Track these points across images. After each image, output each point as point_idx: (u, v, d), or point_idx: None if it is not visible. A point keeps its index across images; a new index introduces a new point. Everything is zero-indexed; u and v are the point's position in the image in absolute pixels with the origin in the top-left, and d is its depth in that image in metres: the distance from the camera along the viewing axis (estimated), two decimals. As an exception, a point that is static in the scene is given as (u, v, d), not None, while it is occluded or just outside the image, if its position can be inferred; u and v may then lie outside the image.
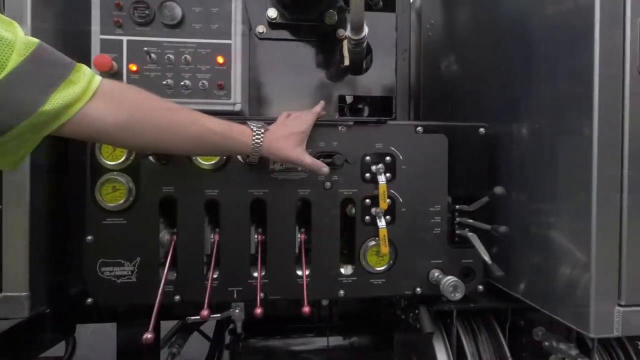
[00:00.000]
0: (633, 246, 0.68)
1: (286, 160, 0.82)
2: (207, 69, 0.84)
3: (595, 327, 0.68)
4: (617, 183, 0.68)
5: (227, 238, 0.88)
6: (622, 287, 0.69)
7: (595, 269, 0.68)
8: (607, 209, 0.68)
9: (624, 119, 0.68)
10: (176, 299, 0.87)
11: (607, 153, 0.67)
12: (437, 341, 1.04)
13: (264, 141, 0.77)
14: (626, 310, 0.69)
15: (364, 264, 0.91)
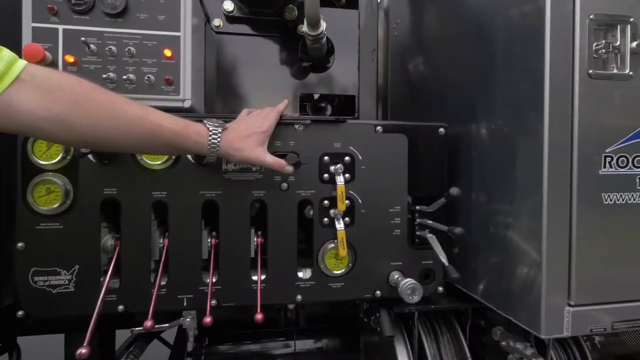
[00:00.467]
0: (583, 246, 0.69)
1: (246, 161, 0.78)
2: (153, 63, 0.79)
3: (546, 327, 0.68)
4: (567, 184, 0.68)
5: (176, 242, 0.83)
6: (571, 287, 0.69)
7: (545, 270, 0.68)
8: (558, 210, 0.68)
9: (574, 120, 0.68)
10: (120, 309, 0.81)
11: (557, 154, 0.68)
12: (399, 343, 1.02)
13: (222, 141, 0.72)
14: (576, 310, 0.69)
15: (323, 267, 0.89)
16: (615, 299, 0.71)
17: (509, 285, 0.79)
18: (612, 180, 0.69)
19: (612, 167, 0.69)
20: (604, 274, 0.70)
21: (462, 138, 0.96)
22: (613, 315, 0.71)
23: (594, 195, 0.69)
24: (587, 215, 0.69)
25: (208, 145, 0.71)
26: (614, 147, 0.69)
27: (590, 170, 0.68)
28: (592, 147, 0.68)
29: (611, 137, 0.69)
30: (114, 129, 0.63)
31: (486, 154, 0.88)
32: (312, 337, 1.45)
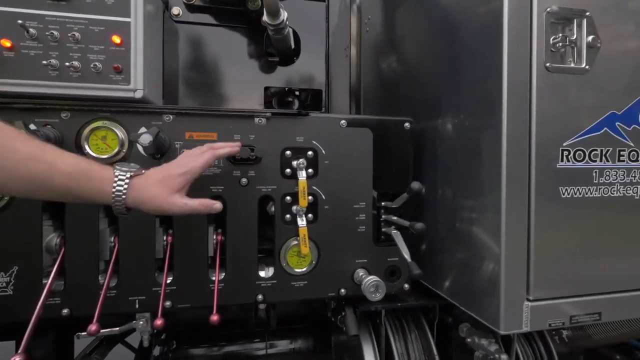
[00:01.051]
0: (541, 240, 0.68)
1: (161, 212, 0.67)
2: (100, 50, 0.74)
3: (505, 323, 0.67)
4: (525, 178, 0.68)
5: (128, 241, 0.78)
6: (530, 282, 0.68)
7: (504, 265, 0.67)
8: (516, 204, 0.67)
9: (532, 114, 0.67)
10: (64, 312, 0.76)
11: (515, 148, 0.67)
12: (366, 342, 1.00)
13: (130, 189, 0.63)
14: (534, 304, 0.69)
15: (285, 265, 0.86)
16: (573, 292, 0.71)
17: (470, 281, 0.78)
18: (570, 174, 0.69)
19: (569, 161, 0.69)
20: (563, 268, 0.70)
21: (428, 134, 0.96)
22: (572, 309, 0.71)
23: (552, 189, 0.68)
24: (545, 209, 0.68)
25: (112, 194, 0.62)
26: (571, 141, 0.69)
27: (548, 164, 0.68)
28: (550, 141, 0.68)
29: (568, 131, 0.69)
30: (3, 171, 0.55)
31: (450, 149, 0.87)
32: (285, 338, 1.42)
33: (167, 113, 0.79)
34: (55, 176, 0.58)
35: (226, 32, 1.07)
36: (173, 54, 1.02)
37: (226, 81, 1.08)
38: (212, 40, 1.06)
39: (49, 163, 0.58)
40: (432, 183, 0.95)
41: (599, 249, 0.72)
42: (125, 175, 0.63)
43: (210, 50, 1.07)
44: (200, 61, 1.06)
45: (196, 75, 1.07)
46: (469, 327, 0.98)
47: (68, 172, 0.59)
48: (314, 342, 1.42)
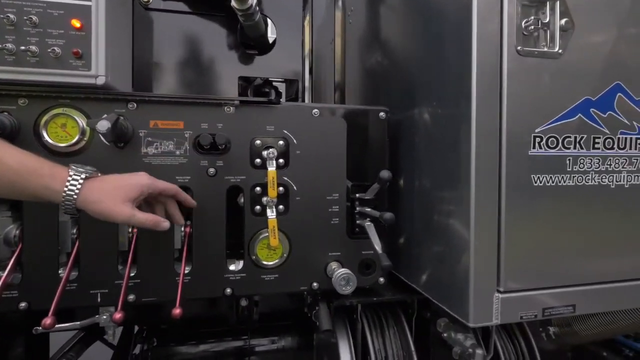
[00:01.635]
0: (512, 230, 0.66)
1: (107, 218, 0.65)
2: (59, 34, 0.71)
3: (474, 315, 0.65)
4: (495, 165, 0.65)
5: (91, 233, 0.76)
6: (500, 273, 0.66)
7: (473, 255, 0.65)
8: (486, 193, 0.65)
9: (502, 99, 0.65)
10: (22, 306, 0.73)
11: (485, 134, 0.65)
12: (342, 338, 0.98)
13: (83, 190, 0.62)
14: (505, 296, 0.66)
15: (254, 258, 0.83)
16: (546, 284, 0.69)
17: (443, 274, 0.76)
18: (542, 161, 0.67)
19: (541, 148, 0.67)
20: (535, 259, 0.68)
21: (405, 124, 0.93)
22: (544, 300, 0.68)
23: (523, 177, 0.66)
24: (516, 198, 0.66)
25: (63, 193, 0.61)
26: (544, 128, 0.67)
27: (519, 151, 0.66)
28: (521, 127, 0.66)
29: (541, 117, 0.67)
30: None
31: (426, 139, 0.84)
32: (268, 335, 1.39)
33: (130, 100, 0.76)
34: (4, 171, 0.57)
35: (202, 20, 1.05)
36: (146, 44, 1.00)
37: (201, 72, 1.06)
38: (187, 29, 1.04)
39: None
40: (409, 175, 0.93)
41: (573, 240, 0.69)
42: (80, 176, 0.62)
43: (186, 40, 1.04)
44: (174, 51, 1.04)
45: (170, 66, 1.04)
46: (447, 322, 0.96)
47: (14, 168, 0.58)
48: (297, 340, 1.39)
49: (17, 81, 0.71)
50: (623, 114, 0.70)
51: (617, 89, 0.69)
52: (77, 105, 0.74)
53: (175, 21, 1.03)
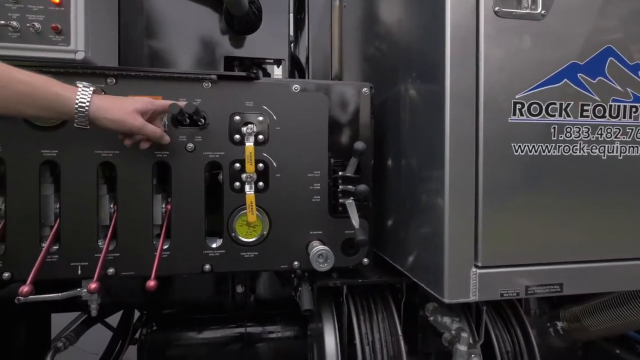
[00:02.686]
0: (491, 201, 0.63)
1: (122, 126, 0.69)
2: (39, 10, 0.73)
3: (449, 290, 0.62)
4: (472, 132, 0.62)
5: (70, 206, 0.77)
6: (478, 247, 0.63)
7: (448, 227, 0.62)
8: (461, 160, 0.62)
9: (479, 63, 0.62)
10: (5, 276, 0.75)
11: (460, 100, 0.62)
12: (327, 321, 0.96)
13: (93, 100, 0.65)
14: (484, 272, 0.63)
15: (234, 235, 0.82)
16: (529, 261, 0.65)
17: (422, 252, 0.73)
18: (524, 129, 0.63)
19: (523, 115, 0.63)
20: (516, 234, 0.64)
21: (390, 102, 0.91)
22: (527, 278, 0.65)
23: (502, 145, 0.63)
24: (495, 167, 0.63)
25: (76, 101, 0.64)
26: (525, 93, 0.63)
27: (498, 118, 0.63)
28: (501, 93, 0.63)
29: (522, 82, 0.63)
30: None
31: (409, 114, 0.82)
32: (265, 323, 1.39)
33: (109, 75, 0.77)
34: (12, 83, 0.60)
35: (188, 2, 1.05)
36: (137, 24, 1.01)
37: (187, 49, 1.06)
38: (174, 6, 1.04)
39: (4, 71, 0.60)
40: (395, 155, 0.90)
41: (559, 214, 0.65)
42: (88, 89, 0.66)
43: (172, 17, 1.04)
44: (161, 28, 1.04)
45: (159, 46, 1.05)
46: (435, 306, 0.93)
47: (26, 80, 0.61)
48: (294, 329, 1.38)
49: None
50: (615, 80, 0.66)
51: (608, 53, 0.65)
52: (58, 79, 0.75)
53: (163, 2, 1.04)
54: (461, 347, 0.77)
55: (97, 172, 0.77)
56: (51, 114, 0.67)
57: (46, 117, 0.69)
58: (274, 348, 1.38)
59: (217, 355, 1.34)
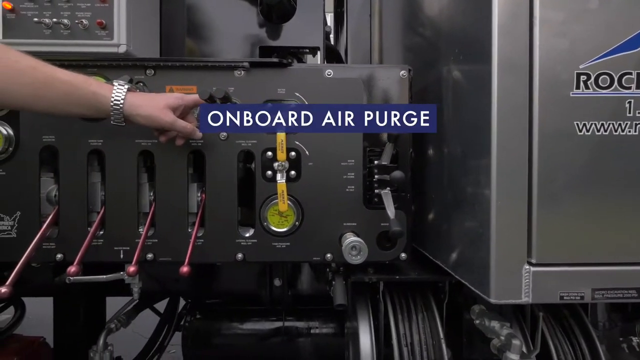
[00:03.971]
0: (548, 189, 0.54)
1: (154, 122, 0.71)
2: (87, 7, 0.78)
3: (496, 289, 0.55)
4: (525, 109, 0.54)
5: (114, 193, 0.81)
6: (532, 242, 0.55)
7: (495, 218, 0.55)
8: (511, 141, 0.54)
9: (533, 29, 0.54)
10: (58, 257, 0.80)
11: (509, 72, 0.54)
12: (363, 319, 0.91)
13: (127, 97, 0.68)
14: (538, 270, 0.55)
15: (265, 225, 0.81)
16: (597, 259, 0.55)
17: (467, 247, 0.65)
18: (590, 105, 0.54)
19: (588, 88, 0.54)
20: (582, 227, 0.55)
21: (433, 86, 0.84)
22: (595, 280, 0.55)
23: (563, 123, 0.54)
24: (554, 148, 0.54)
25: (111, 99, 0.67)
26: (591, 63, 0.54)
27: (557, 92, 0.54)
28: (560, 63, 0.54)
29: (587, 50, 0.54)
30: (3, 78, 0.62)
31: (452, 96, 0.74)
32: (302, 318, 1.38)
33: (147, 66, 0.80)
34: (55, 83, 0.65)
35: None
36: (177, 19, 1.04)
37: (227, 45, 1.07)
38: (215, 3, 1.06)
39: (48, 73, 0.64)
40: (437, 142, 0.83)
41: (637, 203, 0.55)
42: (123, 87, 0.69)
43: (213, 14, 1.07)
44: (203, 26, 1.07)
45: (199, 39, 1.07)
46: (481, 308, 0.84)
47: (68, 80, 0.65)
48: (332, 326, 1.35)
49: (54, 52, 0.79)
50: None
51: None
52: (102, 72, 0.80)
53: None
54: (512, 355, 0.68)
55: (137, 160, 0.81)
56: (91, 112, 0.70)
57: (87, 115, 0.72)
58: (312, 343, 1.36)
59: (257, 346, 1.36)
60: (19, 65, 0.63)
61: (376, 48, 1.40)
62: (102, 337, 1.15)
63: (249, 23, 1.05)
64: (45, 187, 0.82)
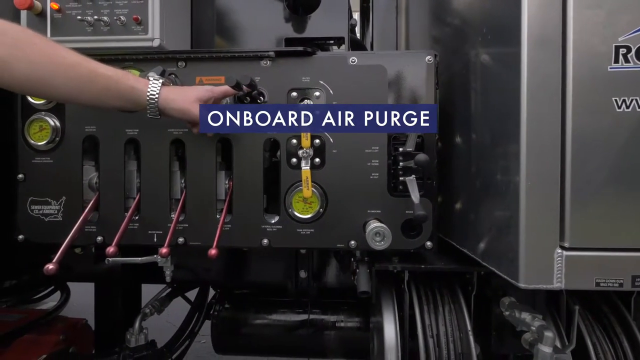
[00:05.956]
0: (582, 169, 0.52)
1: (186, 115, 0.75)
2: (124, 4, 0.82)
3: (525, 273, 0.53)
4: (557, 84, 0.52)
5: (148, 180, 0.85)
6: (565, 224, 0.52)
7: (524, 199, 0.53)
8: (543, 116, 0.52)
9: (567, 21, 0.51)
10: (98, 239, 0.86)
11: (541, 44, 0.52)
12: (387, 309, 0.91)
13: (162, 90, 0.73)
14: (572, 254, 0.52)
15: (290, 211, 0.83)
16: (636, 245, 0.52)
17: (493, 230, 0.63)
18: (631, 79, 0.51)
19: (629, 61, 0.50)
20: (620, 209, 0.52)
21: (460, 72, 0.82)
22: (634, 266, 0.52)
23: (600, 99, 0.51)
24: (589, 125, 0.51)
25: (147, 93, 0.72)
26: (632, 35, 0.50)
27: (593, 66, 0.51)
28: (597, 36, 0.51)
29: (627, 21, 0.50)
30: (51, 72, 0.67)
31: (480, 79, 0.72)
32: (327, 311, 1.38)
33: (179, 59, 0.84)
34: (98, 78, 0.70)
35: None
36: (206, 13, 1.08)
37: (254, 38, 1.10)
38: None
39: (91, 68, 0.70)
40: (464, 129, 0.81)
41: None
42: (158, 81, 0.74)
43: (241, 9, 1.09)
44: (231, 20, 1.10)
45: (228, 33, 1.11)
46: (511, 300, 0.81)
47: (107, 75, 0.71)
48: (357, 320, 1.35)
49: (94, 49, 0.84)
50: None
51: None
52: (138, 66, 0.85)
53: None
54: (544, 348, 0.65)
55: (170, 149, 0.85)
56: (129, 105, 0.74)
57: (125, 107, 0.76)
58: (337, 336, 1.36)
59: (282, 337, 1.37)
60: (66, 60, 0.68)
61: (402, 41, 1.38)
62: (138, 320, 1.22)
63: (276, 16, 1.07)
64: (87, 174, 0.88)
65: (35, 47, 0.66)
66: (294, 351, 1.42)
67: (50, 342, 1.21)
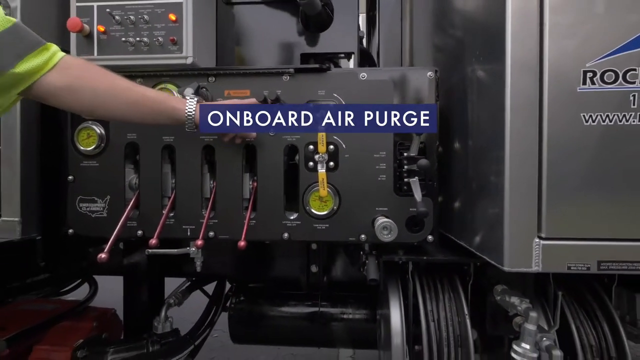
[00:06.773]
0: (556, 172, 0.62)
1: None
2: (162, 27, 0.94)
3: (509, 258, 0.64)
4: (535, 104, 0.63)
5: (183, 182, 0.97)
6: (542, 218, 0.63)
7: (508, 197, 0.63)
8: (523, 131, 0.63)
9: (544, 30, 0.62)
10: (139, 233, 0.98)
11: (522, 70, 0.63)
12: (393, 296, 1.01)
13: (197, 109, 0.84)
14: (548, 244, 0.63)
15: (308, 208, 0.94)
16: (603, 235, 0.62)
17: (485, 224, 0.74)
18: (596, 98, 0.61)
19: (594, 83, 0.61)
20: (587, 206, 0.62)
21: (458, 85, 0.92)
22: (601, 252, 0.62)
23: (570, 115, 0.62)
24: (562, 136, 0.62)
25: (186, 111, 0.83)
26: (598, 61, 0.61)
27: (564, 88, 0.62)
28: (568, 62, 0.62)
29: (593, 50, 0.61)
30: (110, 97, 0.79)
31: (474, 93, 0.83)
32: (337, 304, 1.48)
33: (210, 75, 0.95)
34: (145, 101, 0.82)
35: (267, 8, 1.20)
36: (229, 32, 1.19)
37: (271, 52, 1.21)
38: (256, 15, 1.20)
39: (140, 92, 0.82)
40: (462, 137, 0.92)
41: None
42: (194, 100, 0.85)
43: (259, 26, 1.21)
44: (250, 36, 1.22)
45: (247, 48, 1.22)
46: (503, 287, 0.91)
47: (154, 97, 0.83)
48: (364, 312, 1.45)
49: (135, 66, 0.96)
50: None
51: None
52: (174, 81, 0.96)
53: (250, 11, 1.20)
54: (529, 326, 0.76)
55: (201, 154, 0.96)
56: (170, 122, 0.86)
57: (167, 124, 0.89)
58: (345, 328, 1.46)
59: (294, 328, 1.48)
60: (120, 87, 0.80)
61: (407, 49, 1.49)
62: (164, 309, 1.34)
63: (290, 32, 1.18)
64: (128, 176, 1.00)
65: (96, 76, 0.78)
66: (305, 341, 1.53)
67: (85, 328, 1.33)
